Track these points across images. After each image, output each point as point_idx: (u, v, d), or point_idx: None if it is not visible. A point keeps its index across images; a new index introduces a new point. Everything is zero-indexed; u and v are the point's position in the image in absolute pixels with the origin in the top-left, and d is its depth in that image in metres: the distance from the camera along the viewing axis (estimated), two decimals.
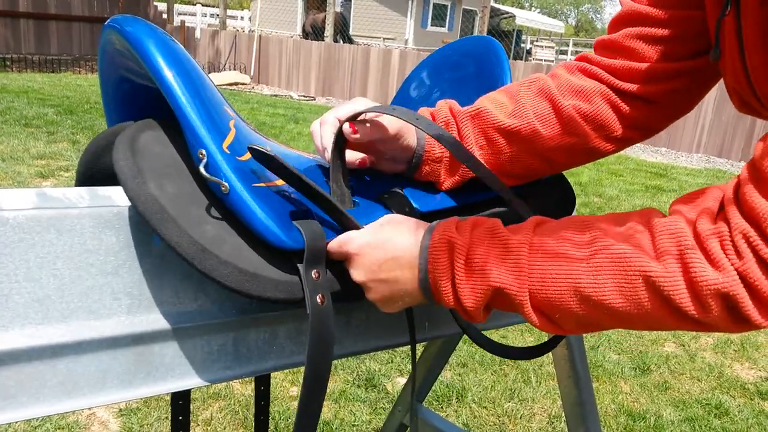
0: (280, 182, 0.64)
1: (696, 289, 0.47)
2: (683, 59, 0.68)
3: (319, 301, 0.60)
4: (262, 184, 0.61)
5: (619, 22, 0.71)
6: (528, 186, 0.77)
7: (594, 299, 0.52)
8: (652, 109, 0.72)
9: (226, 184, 0.58)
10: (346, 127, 0.66)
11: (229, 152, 0.60)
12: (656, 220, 0.51)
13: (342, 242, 0.62)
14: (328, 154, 0.68)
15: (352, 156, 0.70)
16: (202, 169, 0.58)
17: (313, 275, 0.60)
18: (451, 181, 0.73)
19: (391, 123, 0.69)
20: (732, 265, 0.46)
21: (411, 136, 0.71)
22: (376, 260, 0.60)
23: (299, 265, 0.60)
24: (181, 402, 0.86)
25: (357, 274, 0.62)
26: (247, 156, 0.62)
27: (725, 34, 0.58)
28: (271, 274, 0.59)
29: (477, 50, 0.87)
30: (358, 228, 0.63)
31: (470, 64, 0.86)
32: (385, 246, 0.60)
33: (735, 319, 0.48)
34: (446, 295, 0.58)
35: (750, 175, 0.47)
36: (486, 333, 0.75)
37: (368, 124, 0.68)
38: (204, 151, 0.58)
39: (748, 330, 0.49)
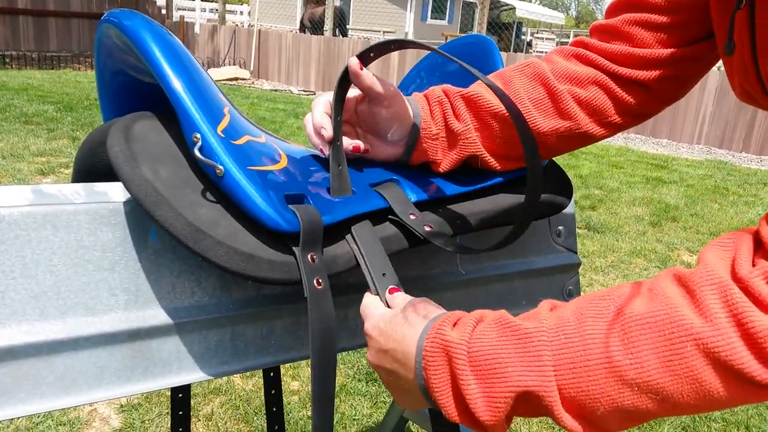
0: (275, 166, 0.64)
1: (755, 343, 0.39)
2: (681, 46, 0.68)
3: (316, 284, 0.59)
4: (257, 168, 0.61)
5: (617, 8, 0.71)
6: (524, 175, 0.77)
7: (639, 383, 0.42)
8: (647, 94, 0.72)
9: (221, 166, 0.58)
10: (354, 60, 0.66)
11: (223, 136, 0.60)
12: (685, 273, 0.43)
13: (363, 316, 0.60)
14: (325, 132, 0.68)
15: (347, 142, 0.70)
16: (196, 152, 0.58)
17: (310, 259, 0.60)
18: (448, 160, 0.73)
19: (389, 86, 0.69)
20: None
21: (406, 105, 0.71)
22: (379, 347, 0.55)
23: (295, 249, 0.60)
24: (181, 396, 0.86)
25: (369, 355, 0.58)
26: (242, 140, 0.62)
27: (736, 29, 0.57)
28: (267, 256, 0.58)
29: (468, 49, 0.87)
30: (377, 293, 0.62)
31: (466, 61, 0.86)
32: (389, 334, 0.54)
33: None
34: (447, 408, 0.49)
35: None
36: None
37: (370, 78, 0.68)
38: (198, 135, 0.59)
39: None
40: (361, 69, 0.66)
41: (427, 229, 0.67)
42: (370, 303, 0.61)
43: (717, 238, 0.47)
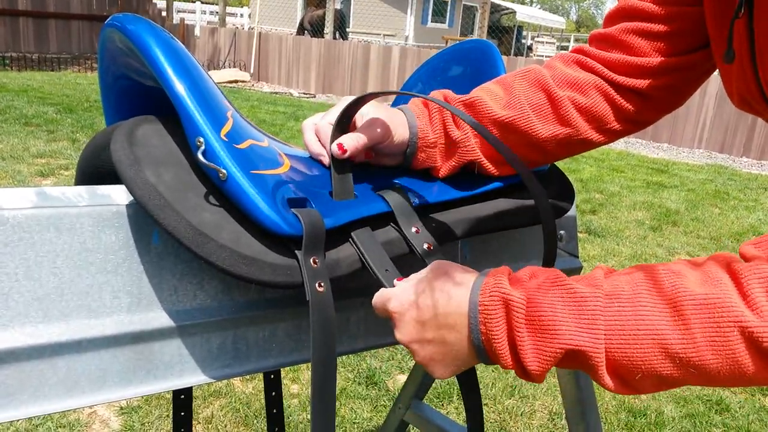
0: (278, 170, 0.64)
1: None
2: (678, 55, 0.69)
3: (318, 288, 0.60)
4: (260, 172, 0.61)
5: (615, 17, 0.72)
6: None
7: (683, 357, 0.46)
8: (646, 102, 0.73)
9: (224, 170, 0.58)
10: (335, 148, 0.66)
11: (227, 140, 0.60)
12: (738, 265, 0.46)
13: (384, 298, 0.59)
14: (326, 159, 0.68)
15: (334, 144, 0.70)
16: (200, 156, 0.58)
17: (312, 262, 0.60)
18: (447, 166, 0.73)
19: (381, 124, 0.69)
20: None
21: (402, 129, 0.71)
22: (419, 319, 0.55)
23: (298, 252, 0.60)
24: (182, 397, 0.86)
25: (400, 335, 0.57)
26: (245, 144, 0.62)
27: (735, 37, 0.58)
28: (269, 259, 0.59)
29: (470, 54, 0.87)
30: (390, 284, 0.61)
31: (464, 67, 0.87)
32: (427, 302, 0.55)
33: None
34: (503, 357, 0.52)
35: None
36: None
37: (357, 135, 0.67)
38: (202, 139, 0.59)
39: None
40: (344, 152, 0.66)
41: (426, 248, 0.67)
42: (382, 290, 0.60)
43: (759, 236, 0.50)
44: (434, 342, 0.55)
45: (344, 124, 0.69)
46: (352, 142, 0.67)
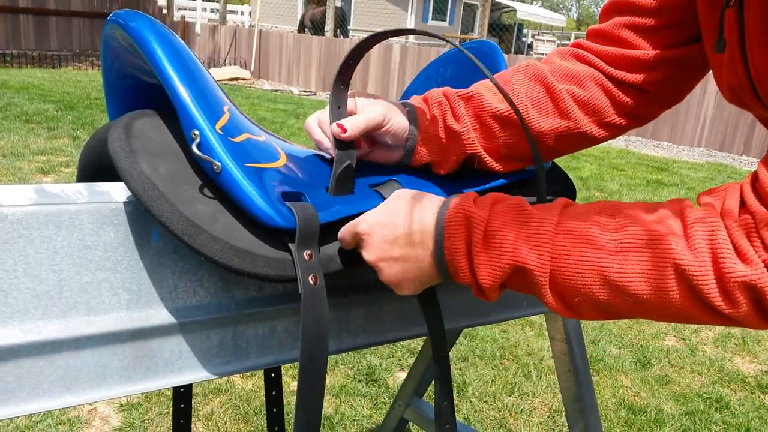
0: (273, 164, 0.64)
1: (724, 282, 0.46)
2: (672, 47, 0.69)
3: (311, 281, 0.60)
4: (255, 165, 0.61)
5: (608, 11, 0.72)
6: (527, 178, 0.77)
7: (619, 284, 0.50)
8: (644, 96, 0.73)
9: (218, 163, 0.58)
10: (335, 128, 0.66)
11: (222, 133, 0.60)
12: (689, 210, 0.50)
13: (353, 224, 0.61)
14: (333, 151, 0.68)
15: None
16: (194, 148, 0.58)
17: (306, 256, 0.60)
18: (448, 162, 0.73)
19: (379, 109, 0.69)
20: (759, 257, 0.45)
21: (401, 118, 0.71)
22: (387, 238, 0.59)
23: (291, 245, 0.60)
24: (182, 395, 0.86)
25: (368, 254, 0.60)
26: (241, 138, 0.62)
27: (725, 27, 0.58)
28: (263, 252, 0.59)
29: (474, 55, 0.87)
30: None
31: (467, 68, 0.86)
32: (396, 222, 0.59)
33: (763, 314, 0.47)
34: (462, 270, 0.56)
35: None
36: (487, 327, 0.75)
37: (356, 117, 0.68)
38: (197, 132, 0.59)
39: None
40: (344, 131, 0.66)
41: None
42: (350, 222, 0.62)
43: (715, 187, 0.53)
44: (401, 259, 0.59)
45: (346, 74, 0.68)
46: (351, 122, 0.67)
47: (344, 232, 0.62)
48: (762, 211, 0.46)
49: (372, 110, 0.69)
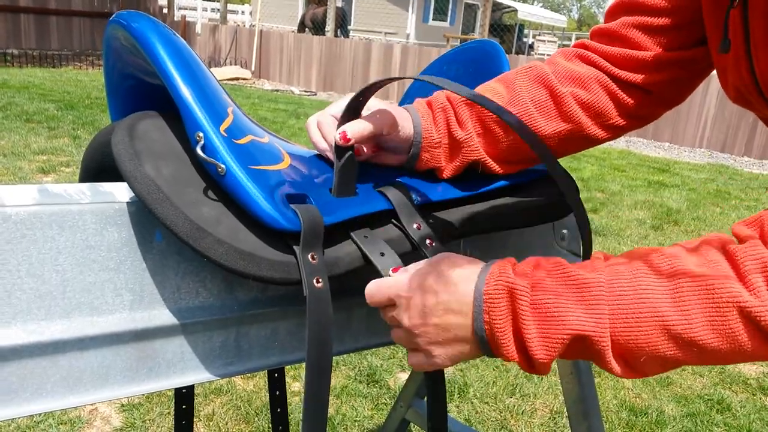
0: (277, 166, 0.64)
1: None
2: (679, 49, 0.69)
3: (316, 284, 0.59)
4: (259, 167, 0.61)
5: (615, 11, 0.72)
6: (529, 180, 0.77)
7: (685, 338, 0.47)
8: (648, 97, 0.72)
9: (223, 165, 0.58)
10: (338, 136, 0.65)
11: (226, 135, 0.60)
12: (733, 247, 0.48)
13: (391, 284, 0.58)
14: (330, 152, 0.68)
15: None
16: (199, 150, 0.58)
17: (310, 258, 0.60)
18: (451, 167, 0.73)
19: (387, 114, 0.69)
20: None
21: (407, 124, 0.71)
22: (425, 304, 0.55)
23: (296, 248, 0.60)
24: (184, 395, 0.86)
25: (405, 319, 0.57)
26: (245, 140, 0.62)
27: (730, 27, 0.58)
28: (267, 255, 0.58)
29: (476, 54, 0.87)
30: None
31: (470, 68, 0.86)
32: (436, 289, 0.55)
33: None
34: (506, 347, 0.52)
35: None
36: None
37: (362, 123, 0.67)
38: (201, 134, 0.59)
39: None
40: (347, 142, 0.65)
41: (428, 245, 0.67)
42: (379, 279, 0.60)
43: (750, 217, 0.51)
44: (439, 327, 0.55)
45: (354, 110, 0.68)
46: (356, 128, 0.66)
47: (377, 290, 0.59)
48: None
49: (379, 117, 0.68)
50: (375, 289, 0.60)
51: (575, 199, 0.68)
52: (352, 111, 0.68)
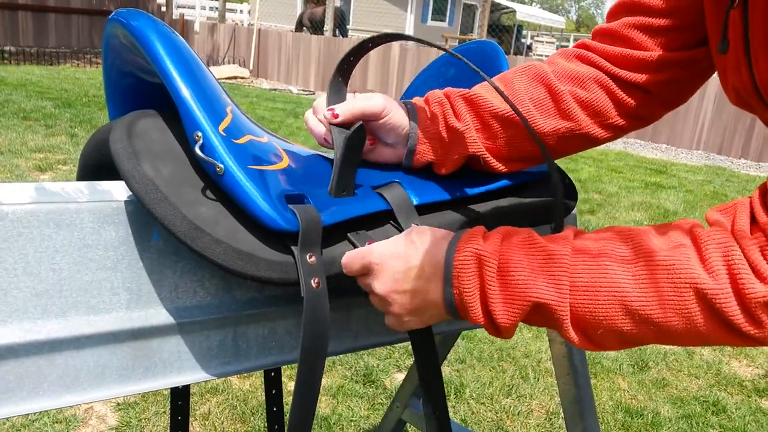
0: (276, 166, 0.64)
1: (746, 302, 0.46)
2: (681, 49, 0.69)
3: (314, 284, 0.59)
4: (258, 167, 0.61)
5: (617, 11, 0.72)
6: (531, 179, 0.77)
7: (641, 313, 0.49)
8: (648, 98, 0.72)
9: (221, 165, 0.58)
10: (327, 113, 0.66)
11: (225, 135, 0.60)
12: (699, 230, 0.49)
13: (364, 253, 0.61)
14: (330, 136, 0.68)
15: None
16: (197, 150, 0.58)
17: (308, 259, 0.60)
18: (450, 161, 0.73)
19: (377, 99, 0.69)
20: None
21: (400, 114, 0.71)
22: (398, 270, 0.58)
23: (294, 248, 0.60)
24: (180, 394, 0.86)
25: (378, 285, 0.60)
26: (244, 139, 0.62)
27: (730, 28, 0.58)
28: (265, 255, 0.58)
29: (475, 55, 0.87)
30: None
31: (468, 67, 0.86)
32: (405, 255, 0.58)
33: None
34: (473, 311, 0.55)
35: None
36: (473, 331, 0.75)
37: (351, 102, 0.68)
38: (200, 133, 0.59)
39: None
40: (335, 117, 0.66)
41: None
42: (352, 250, 0.62)
43: (724, 204, 0.52)
44: (410, 293, 0.58)
45: (346, 70, 0.68)
46: (345, 107, 0.67)
47: (352, 260, 0.61)
48: None
49: (368, 100, 0.69)
50: (350, 259, 0.62)
51: (553, 167, 0.69)
52: (342, 74, 0.68)
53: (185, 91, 0.59)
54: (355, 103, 0.68)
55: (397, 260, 0.58)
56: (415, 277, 0.58)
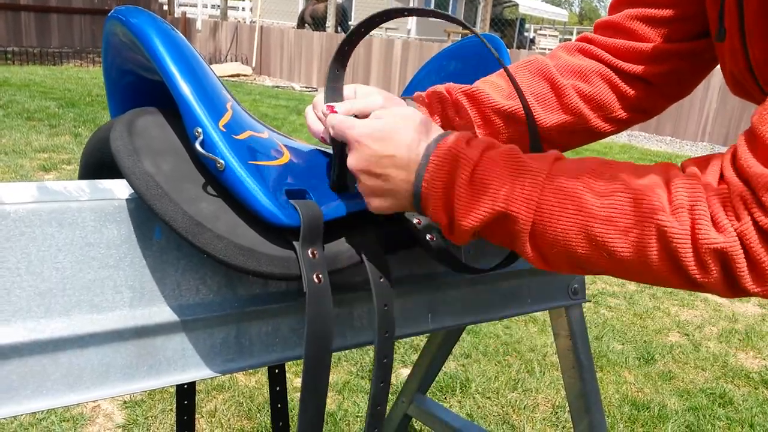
0: (277, 161, 0.64)
1: (698, 247, 0.47)
2: (682, 41, 0.68)
3: (316, 279, 0.59)
4: (258, 162, 0.61)
5: (620, 3, 0.72)
6: None
7: (600, 241, 0.50)
8: (651, 90, 0.72)
9: (222, 160, 0.58)
10: (325, 109, 0.66)
11: (225, 130, 0.60)
12: (675, 175, 0.50)
13: (346, 126, 0.60)
14: (327, 136, 0.68)
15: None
16: (197, 146, 0.58)
17: (310, 254, 0.60)
18: None
19: (375, 97, 0.69)
20: (732, 226, 0.46)
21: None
22: (374, 153, 0.58)
23: (295, 243, 0.60)
24: (186, 391, 0.86)
25: (352, 161, 0.60)
26: (244, 135, 0.62)
27: (726, 16, 0.58)
28: (267, 250, 0.58)
29: (476, 49, 0.86)
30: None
31: (470, 63, 0.86)
32: (386, 140, 0.58)
33: (730, 283, 0.48)
34: (435, 208, 0.56)
35: (747, 140, 0.48)
36: (490, 324, 0.75)
37: (350, 101, 0.68)
38: (200, 129, 0.59)
39: (741, 296, 0.49)
40: (333, 111, 0.66)
41: (428, 239, 0.67)
42: (347, 118, 0.61)
43: (700, 156, 0.53)
44: (381, 177, 0.58)
45: (344, 56, 0.68)
46: (344, 107, 0.67)
47: (338, 125, 0.61)
48: (737, 183, 0.47)
49: (370, 98, 0.69)
50: (339, 125, 0.61)
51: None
52: (340, 61, 0.68)
53: (185, 88, 0.59)
54: (354, 103, 0.68)
55: (376, 143, 0.58)
56: (389, 164, 0.58)
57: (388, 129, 0.58)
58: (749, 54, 0.56)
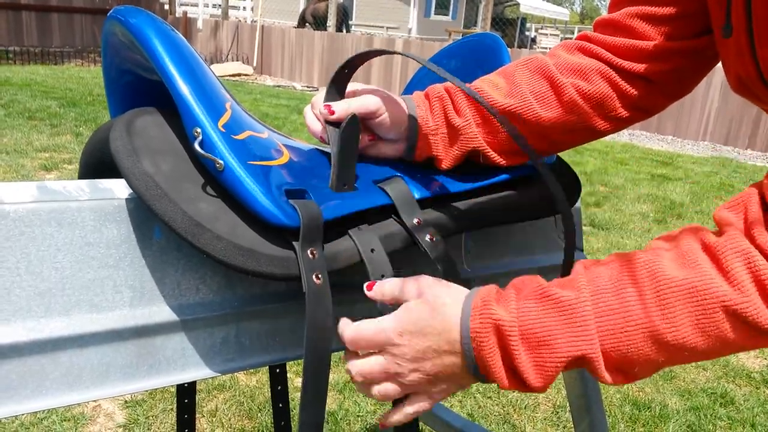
0: (276, 161, 0.64)
1: None
2: (684, 39, 0.68)
3: (315, 280, 0.59)
4: (258, 162, 0.61)
5: (620, 1, 0.71)
6: (530, 173, 0.77)
7: (674, 344, 0.48)
8: (651, 89, 0.72)
9: (221, 161, 0.58)
10: (324, 109, 0.67)
11: (224, 130, 0.60)
12: (711, 239, 0.48)
13: (374, 331, 0.57)
14: (325, 133, 0.68)
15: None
16: (196, 146, 0.58)
17: (309, 254, 0.60)
18: (450, 156, 0.72)
19: (373, 98, 0.69)
20: None
21: (399, 111, 0.71)
22: (418, 349, 0.55)
23: (295, 244, 0.59)
24: (187, 391, 0.86)
25: (395, 366, 0.57)
26: (243, 135, 0.62)
27: (733, 13, 0.57)
28: (266, 250, 0.58)
29: (476, 48, 0.86)
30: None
31: (470, 62, 0.86)
32: (423, 332, 0.55)
33: None
34: (500, 379, 0.53)
35: None
36: None
37: (348, 100, 0.68)
38: (199, 129, 0.59)
39: None
40: (332, 114, 0.66)
41: (429, 240, 0.66)
42: (356, 325, 0.59)
43: (731, 200, 0.50)
44: (435, 367, 0.55)
45: (339, 85, 0.69)
46: (341, 104, 0.67)
47: (362, 339, 0.58)
48: None
49: (365, 98, 0.69)
50: (357, 336, 0.58)
51: (564, 204, 0.67)
52: (337, 85, 0.68)
53: (183, 88, 0.59)
54: (351, 103, 0.68)
55: (414, 340, 0.55)
56: (436, 355, 0.55)
57: (418, 318, 0.55)
58: (757, 53, 0.55)
